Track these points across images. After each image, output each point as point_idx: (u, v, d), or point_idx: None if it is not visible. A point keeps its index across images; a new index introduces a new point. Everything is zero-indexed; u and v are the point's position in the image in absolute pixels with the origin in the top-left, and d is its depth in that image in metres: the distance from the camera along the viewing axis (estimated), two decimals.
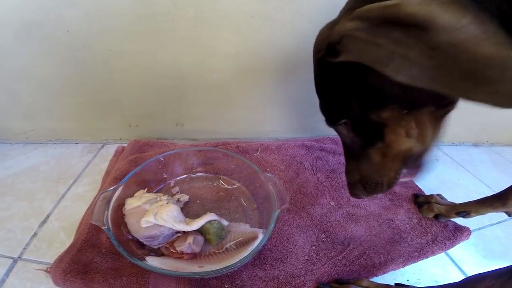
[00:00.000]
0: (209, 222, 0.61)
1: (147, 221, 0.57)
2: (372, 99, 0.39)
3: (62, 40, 0.82)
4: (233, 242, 0.61)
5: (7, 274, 0.61)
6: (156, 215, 0.58)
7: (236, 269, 0.59)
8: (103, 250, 0.62)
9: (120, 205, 0.63)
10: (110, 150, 0.99)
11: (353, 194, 0.53)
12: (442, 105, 0.40)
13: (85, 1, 0.76)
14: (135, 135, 1.02)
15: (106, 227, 0.55)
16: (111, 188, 0.63)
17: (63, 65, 0.87)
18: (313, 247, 0.65)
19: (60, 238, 0.69)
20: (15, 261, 0.64)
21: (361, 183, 0.49)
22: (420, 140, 0.41)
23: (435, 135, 0.43)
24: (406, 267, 0.64)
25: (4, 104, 0.96)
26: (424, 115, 0.39)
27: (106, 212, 0.58)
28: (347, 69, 0.37)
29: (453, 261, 0.67)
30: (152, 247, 0.60)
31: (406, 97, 0.37)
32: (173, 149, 0.83)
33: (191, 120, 1.01)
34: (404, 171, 0.46)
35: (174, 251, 0.58)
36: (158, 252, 0.60)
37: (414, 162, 0.46)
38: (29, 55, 0.85)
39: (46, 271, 0.60)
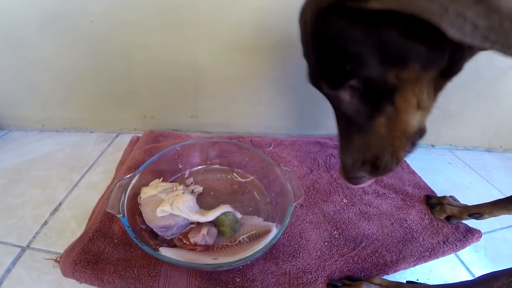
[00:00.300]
0: (224, 213, 0.61)
1: (163, 210, 0.57)
2: (394, 55, 0.34)
3: (85, 31, 0.83)
4: (246, 235, 0.61)
5: (13, 263, 0.60)
6: (172, 205, 0.58)
7: (249, 262, 0.58)
8: (115, 240, 0.61)
9: (135, 194, 0.63)
10: (124, 140, 1.00)
11: (355, 178, 0.46)
12: (450, 72, 0.38)
13: None
14: (150, 126, 1.03)
15: (121, 215, 0.55)
16: (127, 176, 0.63)
17: (83, 56, 0.88)
18: (326, 243, 0.65)
19: (71, 227, 0.68)
20: (23, 250, 0.63)
21: (370, 162, 0.43)
22: (426, 110, 0.40)
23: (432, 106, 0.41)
24: (416, 267, 0.64)
25: (22, 93, 0.98)
26: (432, 81, 0.37)
27: (122, 200, 0.58)
28: (368, 17, 0.32)
29: (462, 262, 0.67)
30: (165, 237, 0.60)
31: (429, 55, 0.34)
32: (188, 140, 0.83)
33: (206, 113, 1.02)
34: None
35: (187, 243, 0.58)
36: (170, 243, 0.60)
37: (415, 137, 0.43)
38: (51, 46, 0.87)
39: (55, 260, 0.59)
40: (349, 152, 0.44)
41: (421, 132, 0.42)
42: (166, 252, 0.54)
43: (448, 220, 0.72)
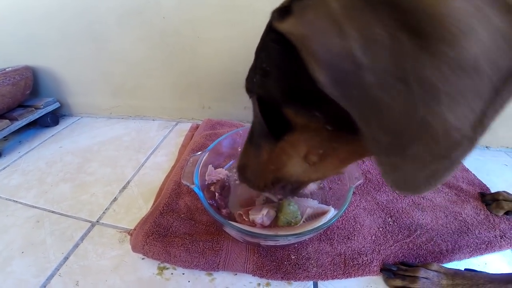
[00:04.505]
0: (289, 202, 0.62)
1: None
2: (298, 92, 0.28)
3: (157, 26, 0.91)
4: (304, 216, 0.62)
5: (82, 238, 0.65)
6: None
7: (304, 241, 0.61)
8: (181, 215, 0.66)
9: (203, 171, 0.67)
10: (183, 128, 1.07)
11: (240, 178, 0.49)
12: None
13: None
14: (206, 115, 1.09)
15: (195, 186, 0.59)
16: (198, 153, 0.67)
17: (154, 49, 0.96)
18: (380, 229, 0.66)
19: (138, 204, 0.73)
20: (92, 225, 0.68)
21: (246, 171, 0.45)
22: (317, 171, 0.36)
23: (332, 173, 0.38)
24: (471, 259, 0.62)
25: (98, 83, 1.09)
26: (345, 148, 0.32)
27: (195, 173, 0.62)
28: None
29: None
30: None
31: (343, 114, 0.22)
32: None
33: None
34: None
35: (246, 219, 0.61)
36: (231, 219, 0.63)
37: (290, 187, 0.43)
38: (127, 40, 0.96)
39: (128, 233, 0.64)
40: (241, 155, 0.47)
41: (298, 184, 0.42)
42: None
43: (507, 215, 0.70)
